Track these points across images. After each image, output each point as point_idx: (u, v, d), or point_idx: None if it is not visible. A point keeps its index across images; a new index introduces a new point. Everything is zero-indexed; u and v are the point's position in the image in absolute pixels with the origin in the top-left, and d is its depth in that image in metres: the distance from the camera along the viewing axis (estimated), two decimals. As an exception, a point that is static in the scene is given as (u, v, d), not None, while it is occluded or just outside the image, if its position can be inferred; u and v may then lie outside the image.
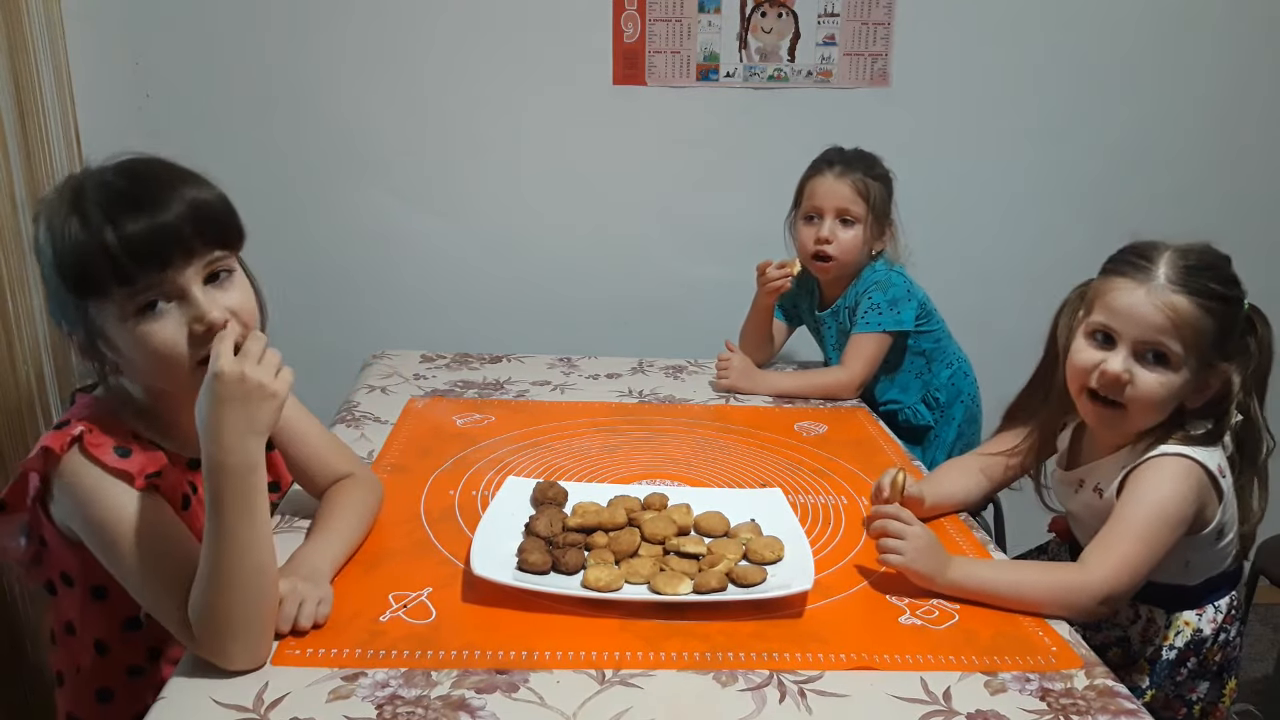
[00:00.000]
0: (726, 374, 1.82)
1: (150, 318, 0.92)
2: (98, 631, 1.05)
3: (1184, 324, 1.11)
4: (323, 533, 1.11)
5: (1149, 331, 1.12)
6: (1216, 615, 1.23)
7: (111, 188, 0.92)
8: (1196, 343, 1.11)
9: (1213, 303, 1.11)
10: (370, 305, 2.28)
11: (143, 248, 0.89)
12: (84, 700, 1.08)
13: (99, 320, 0.94)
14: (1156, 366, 1.13)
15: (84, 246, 0.89)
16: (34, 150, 1.52)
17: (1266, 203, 2.33)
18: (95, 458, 0.95)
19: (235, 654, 0.90)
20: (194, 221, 0.92)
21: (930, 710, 0.90)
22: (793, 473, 1.45)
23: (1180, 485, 1.12)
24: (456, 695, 0.89)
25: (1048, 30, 2.20)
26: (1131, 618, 1.23)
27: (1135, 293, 1.13)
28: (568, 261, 2.27)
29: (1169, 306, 1.11)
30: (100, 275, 0.90)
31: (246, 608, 0.89)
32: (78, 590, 1.04)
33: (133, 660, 1.04)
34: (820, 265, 1.82)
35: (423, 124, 2.18)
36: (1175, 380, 1.13)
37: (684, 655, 0.96)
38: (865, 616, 1.06)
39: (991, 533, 1.72)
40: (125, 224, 0.89)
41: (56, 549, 1.02)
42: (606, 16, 2.14)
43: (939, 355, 1.86)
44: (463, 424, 1.59)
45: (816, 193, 1.81)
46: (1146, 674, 1.22)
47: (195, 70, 2.10)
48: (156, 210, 0.90)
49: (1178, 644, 1.21)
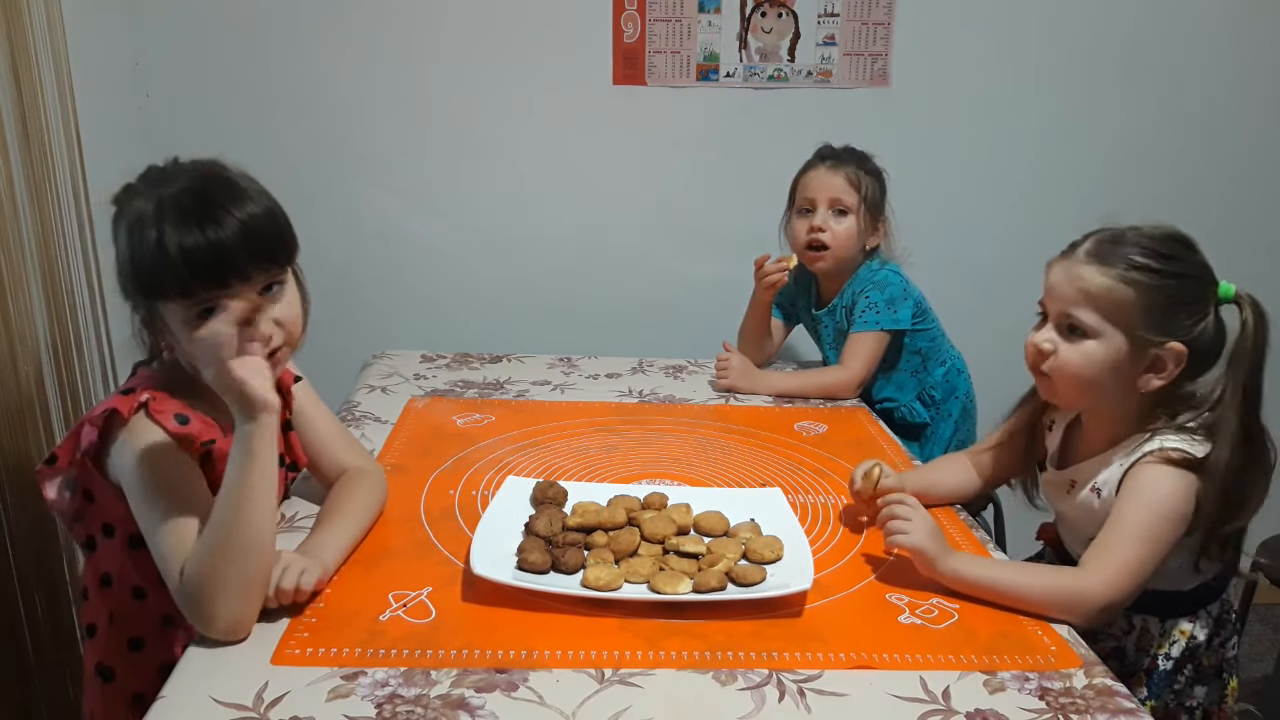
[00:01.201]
0: (726, 374, 1.82)
1: (207, 318, 1.00)
2: (137, 579, 1.09)
3: (1096, 294, 1.12)
4: (327, 522, 1.16)
5: (1063, 304, 1.15)
6: (1209, 621, 1.22)
7: (183, 208, 0.99)
8: (1115, 314, 1.12)
9: (1133, 273, 1.11)
10: (370, 305, 2.28)
11: (204, 267, 0.98)
12: (115, 649, 1.12)
13: (163, 313, 1.03)
14: (1074, 338, 1.15)
15: (157, 259, 0.97)
16: (34, 150, 1.52)
17: (1267, 203, 2.33)
18: (160, 422, 1.03)
19: (218, 614, 0.95)
20: (252, 245, 1.01)
21: (929, 709, 0.90)
22: (792, 472, 1.45)
23: (1178, 482, 1.10)
24: (456, 694, 0.89)
25: (1048, 30, 2.20)
26: (1126, 628, 1.22)
27: (1056, 269, 1.17)
28: (568, 261, 2.28)
29: (1078, 278, 1.13)
30: (166, 286, 0.99)
31: (235, 570, 0.95)
32: (118, 540, 1.09)
33: (169, 609, 1.07)
34: (813, 254, 1.82)
35: (423, 124, 2.18)
36: (1096, 351, 1.13)
37: (683, 654, 0.96)
38: (864, 616, 1.06)
39: (991, 533, 1.73)
40: (189, 242, 0.97)
41: (104, 501, 1.08)
42: (606, 16, 2.14)
43: (934, 354, 1.86)
44: (463, 424, 1.59)
45: (809, 186, 1.82)
46: (1143, 685, 1.21)
47: (195, 70, 2.10)
48: (218, 229, 0.98)
49: (1174, 653, 1.20)
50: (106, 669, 1.12)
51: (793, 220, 1.85)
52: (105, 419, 1.04)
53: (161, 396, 1.06)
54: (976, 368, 1.92)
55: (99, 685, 1.12)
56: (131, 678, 1.11)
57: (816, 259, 1.83)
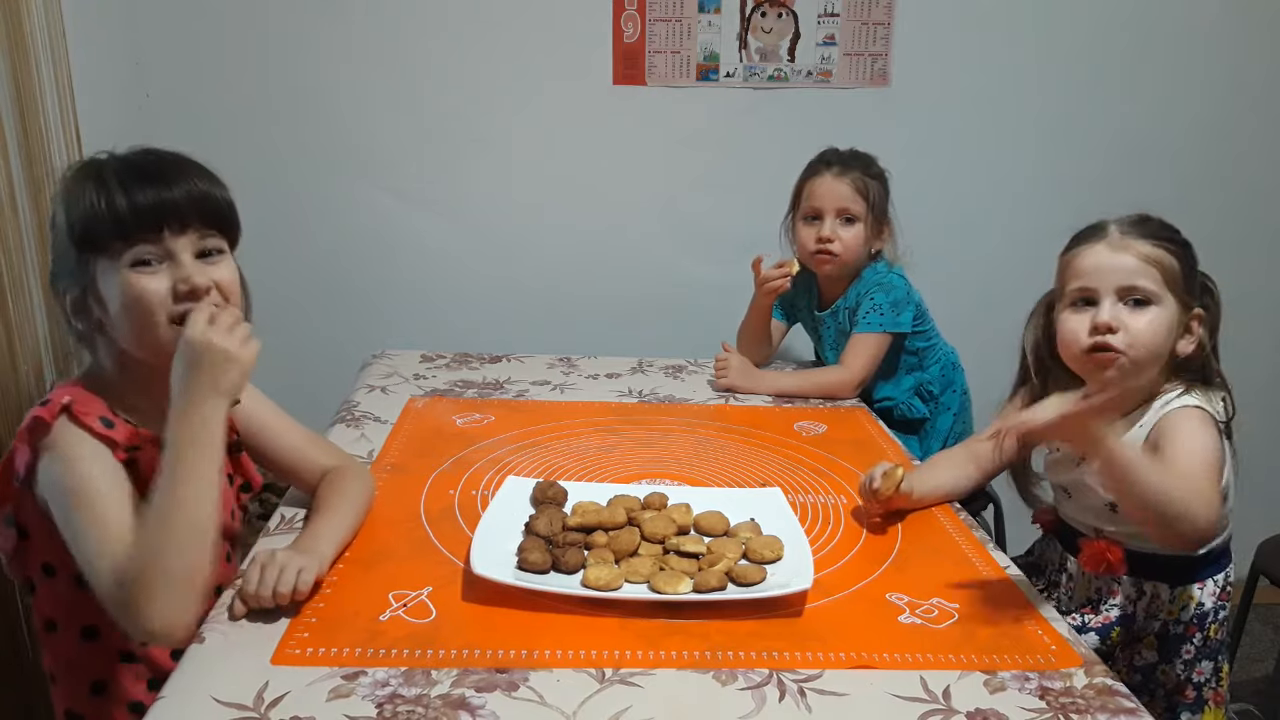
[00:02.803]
0: (725, 373, 1.82)
1: (141, 270, 1.01)
2: (86, 618, 1.05)
3: (1152, 260, 1.17)
4: (318, 516, 1.15)
5: (1123, 277, 1.17)
6: (1215, 589, 1.24)
7: (130, 162, 1.03)
8: (1168, 279, 1.17)
9: (1168, 244, 1.18)
10: (370, 305, 2.28)
11: (145, 210, 1.00)
12: (79, 695, 1.08)
13: (96, 272, 1.02)
14: (1139, 309, 1.17)
15: (94, 206, 0.99)
16: (34, 150, 1.52)
17: (1267, 203, 2.33)
18: (84, 424, 1.00)
19: (153, 613, 0.91)
20: (195, 202, 1.03)
21: (930, 709, 0.90)
22: (792, 472, 1.45)
23: (1212, 431, 1.15)
24: (456, 694, 0.89)
25: (1047, 30, 2.20)
26: (1135, 595, 1.24)
27: (1098, 250, 1.19)
28: (567, 261, 2.28)
29: (1132, 249, 1.17)
30: (104, 230, 0.99)
31: (175, 562, 0.92)
32: (60, 579, 1.05)
33: (124, 645, 1.05)
34: (821, 260, 1.82)
35: (423, 124, 2.18)
36: (1161, 316, 1.17)
37: (683, 654, 0.96)
38: (865, 615, 1.06)
39: (991, 533, 1.73)
40: (134, 191, 1.00)
41: (39, 537, 1.04)
42: (606, 16, 2.14)
43: (930, 353, 1.88)
44: (463, 424, 1.59)
45: (816, 193, 1.81)
46: (1153, 648, 1.23)
47: (195, 70, 2.10)
48: (164, 186, 1.01)
49: (1183, 618, 1.23)
50: (76, 715, 1.09)
51: (798, 226, 1.85)
52: (30, 431, 1.00)
53: (85, 398, 1.03)
54: (976, 366, 1.92)
55: None
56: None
57: (824, 264, 1.83)
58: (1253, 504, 2.31)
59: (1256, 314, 2.22)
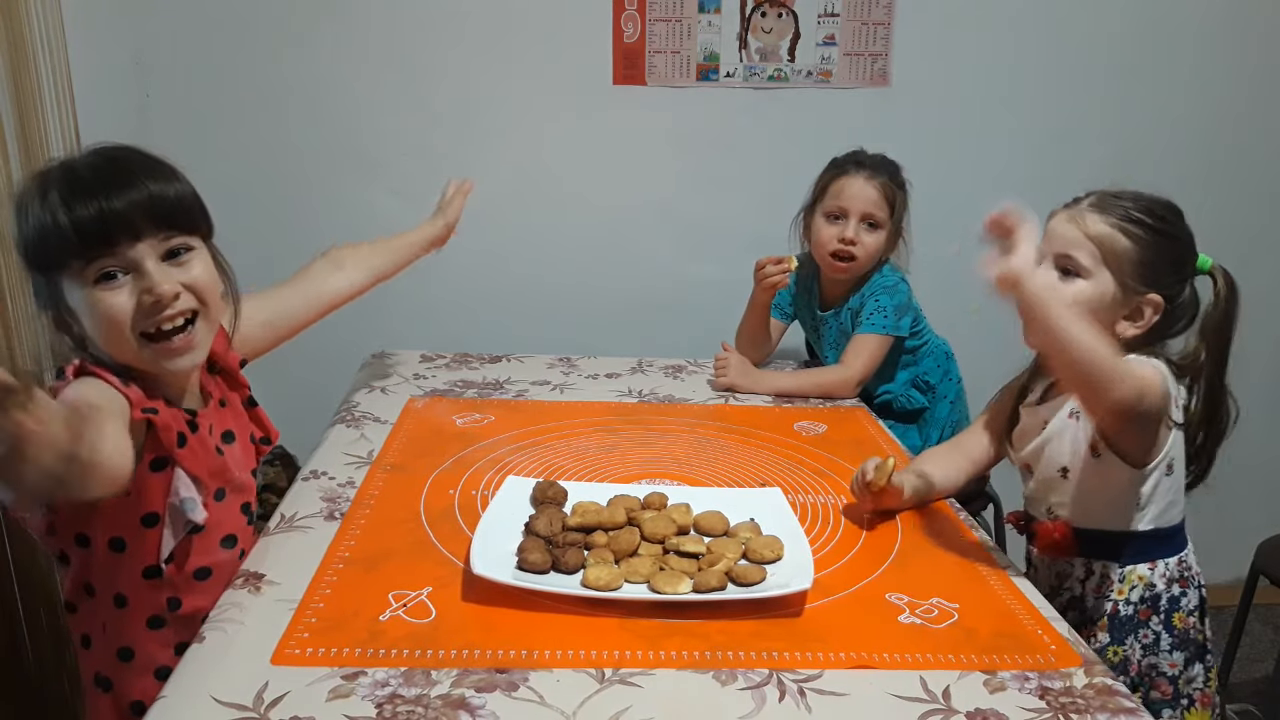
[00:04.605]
0: (724, 372, 1.82)
1: (107, 286, 0.98)
2: (117, 585, 1.07)
3: (1095, 238, 1.19)
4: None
5: (1062, 245, 1.21)
6: (1167, 571, 1.24)
7: (74, 173, 0.99)
8: (1110, 258, 1.19)
9: (1129, 225, 1.19)
10: (370, 305, 2.27)
11: (90, 228, 0.96)
12: (107, 659, 1.10)
13: (63, 290, 1.00)
14: (1067, 278, 1.20)
15: (39, 225, 0.96)
16: (34, 150, 1.52)
17: (1267, 202, 2.33)
18: (102, 376, 0.99)
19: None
20: (141, 208, 0.98)
21: (929, 709, 0.90)
22: (792, 472, 1.45)
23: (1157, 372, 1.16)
24: (456, 694, 0.89)
25: (1048, 30, 2.20)
26: (1084, 574, 1.26)
27: (1058, 217, 1.24)
28: (567, 261, 2.27)
29: (1080, 223, 1.21)
30: (52, 251, 0.97)
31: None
32: (97, 546, 1.06)
33: (153, 610, 1.06)
34: (838, 265, 1.82)
35: (423, 124, 2.18)
36: (1086, 290, 1.19)
37: (683, 654, 0.96)
38: (864, 615, 1.06)
39: (991, 532, 1.73)
40: (76, 207, 0.95)
41: (67, 513, 1.04)
42: (606, 16, 2.14)
43: (923, 349, 1.90)
44: (462, 424, 1.59)
45: (844, 193, 1.80)
46: (1105, 629, 1.24)
47: (195, 70, 2.10)
48: (105, 197, 0.96)
49: (1133, 598, 1.23)
50: (104, 679, 1.11)
51: (817, 222, 1.84)
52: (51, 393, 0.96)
53: (98, 369, 1.02)
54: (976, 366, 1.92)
55: (98, 696, 1.11)
56: (129, 686, 1.09)
57: (841, 269, 1.82)
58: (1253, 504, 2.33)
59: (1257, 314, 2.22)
